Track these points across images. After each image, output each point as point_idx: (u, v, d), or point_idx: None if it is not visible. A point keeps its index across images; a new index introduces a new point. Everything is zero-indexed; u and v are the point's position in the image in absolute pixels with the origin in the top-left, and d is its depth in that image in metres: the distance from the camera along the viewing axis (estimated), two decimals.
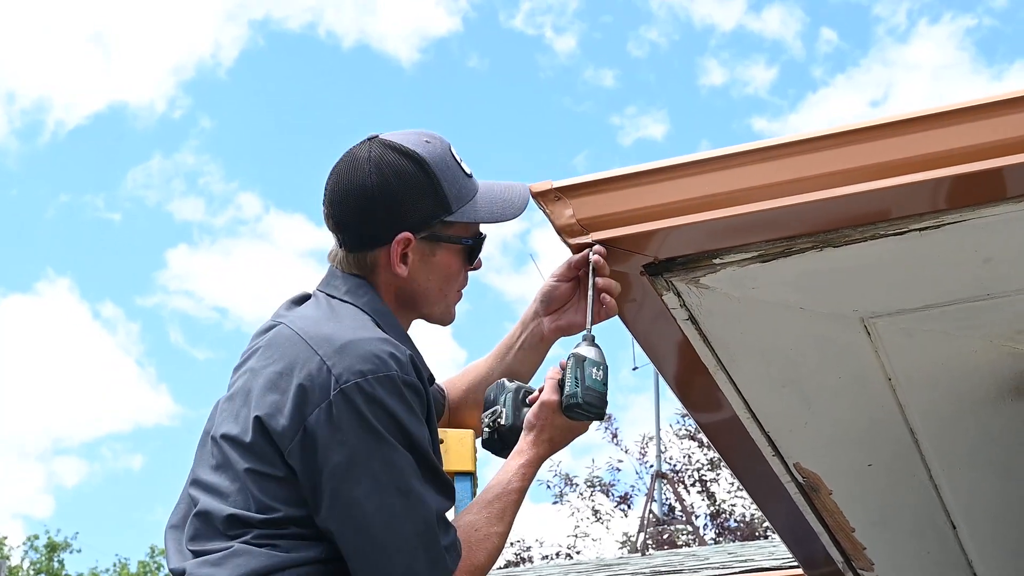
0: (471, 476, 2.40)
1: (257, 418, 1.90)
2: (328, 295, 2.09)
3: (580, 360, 1.94)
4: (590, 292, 2.02)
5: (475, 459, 2.41)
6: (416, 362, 1.97)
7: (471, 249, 2.13)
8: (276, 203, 31.57)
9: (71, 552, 25.47)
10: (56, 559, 25.48)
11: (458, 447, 2.43)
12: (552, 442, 2.02)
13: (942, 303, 2.06)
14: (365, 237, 2.10)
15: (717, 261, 1.90)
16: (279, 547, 1.86)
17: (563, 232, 1.95)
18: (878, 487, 2.65)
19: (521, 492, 2.00)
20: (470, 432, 2.43)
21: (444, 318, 2.18)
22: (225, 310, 32.28)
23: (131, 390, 32.45)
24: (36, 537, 25.69)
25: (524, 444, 2.02)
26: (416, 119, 28.56)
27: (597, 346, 1.98)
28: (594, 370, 1.95)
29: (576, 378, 1.94)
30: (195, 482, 1.97)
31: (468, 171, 2.15)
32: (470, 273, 2.18)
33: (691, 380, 2.27)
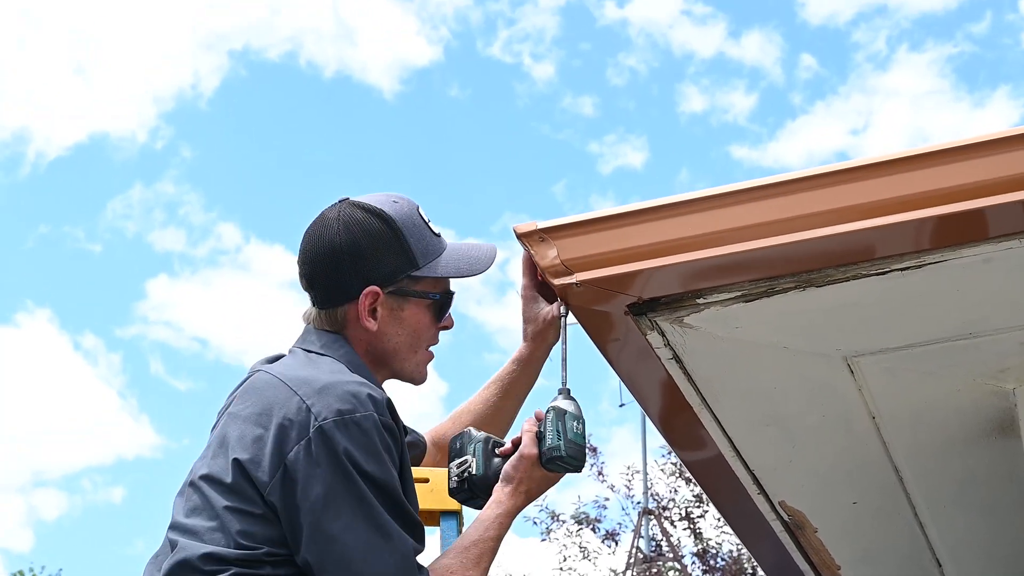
0: (457, 515, 2.38)
1: (236, 460, 1.92)
2: (305, 350, 2.12)
3: (560, 413, 1.97)
4: (564, 347, 2.03)
5: None
6: (392, 405, 2.00)
7: (439, 304, 2.17)
8: (256, 233, 31.49)
9: None
10: None
11: (443, 486, 2.41)
12: (529, 494, 2.04)
13: (925, 342, 2.05)
14: (334, 292, 2.13)
15: (701, 301, 1.90)
16: None
17: (548, 272, 1.94)
18: (863, 525, 2.65)
19: (498, 540, 2.01)
20: None
21: (415, 376, 2.20)
22: (205, 340, 32.11)
23: (112, 421, 32.22)
24: (21, 574, 25.50)
25: (502, 495, 2.03)
26: (398, 149, 28.57)
27: (573, 399, 2.02)
28: (575, 424, 1.98)
29: (557, 431, 1.96)
30: (172, 527, 1.98)
31: (436, 231, 2.21)
32: (442, 333, 2.20)
33: (676, 418, 2.26)
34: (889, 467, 2.39)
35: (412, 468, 2.47)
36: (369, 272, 2.11)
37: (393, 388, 2.39)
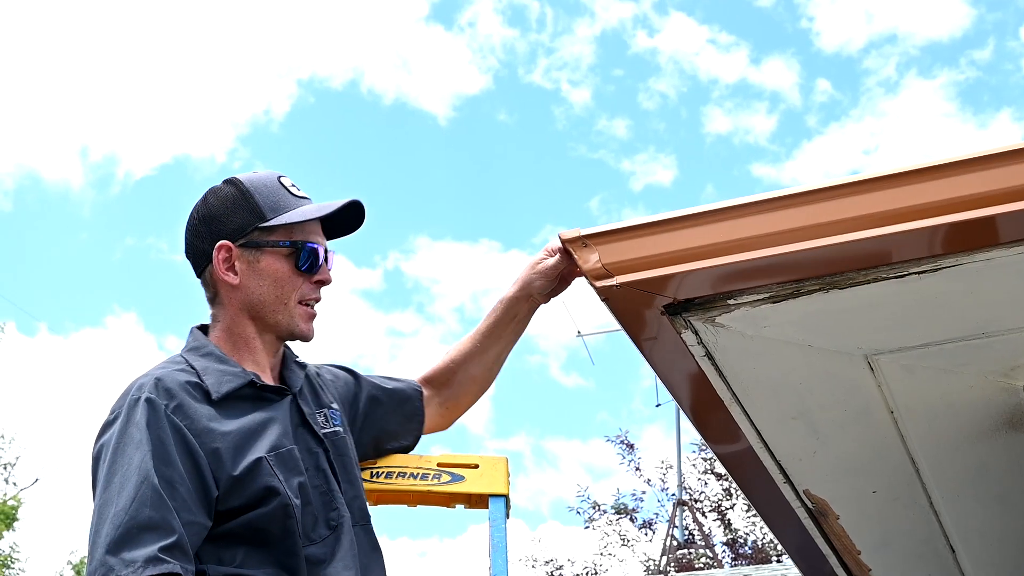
0: (504, 499, 2.37)
1: None
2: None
3: None
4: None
5: (508, 482, 2.39)
6: (169, 383, 2.03)
7: (295, 252, 2.14)
8: None
9: None
10: None
11: (492, 472, 2.41)
12: None
13: (940, 341, 2.02)
14: (199, 257, 2.18)
15: (731, 302, 1.88)
16: None
17: (589, 275, 1.93)
18: (882, 512, 2.61)
19: None
20: (504, 457, 2.41)
21: (293, 329, 2.18)
22: None
23: None
24: None
25: None
26: (450, 170, 28.74)
27: None
28: None
29: None
30: None
31: (299, 194, 2.19)
32: (323, 289, 2.21)
33: (708, 412, 2.23)
34: (906, 458, 2.35)
35: (460, 455, 2.47)
36: (220, 230, 2.14)
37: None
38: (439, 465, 2.40)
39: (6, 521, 20.98)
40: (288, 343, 2.27)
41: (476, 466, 2.40)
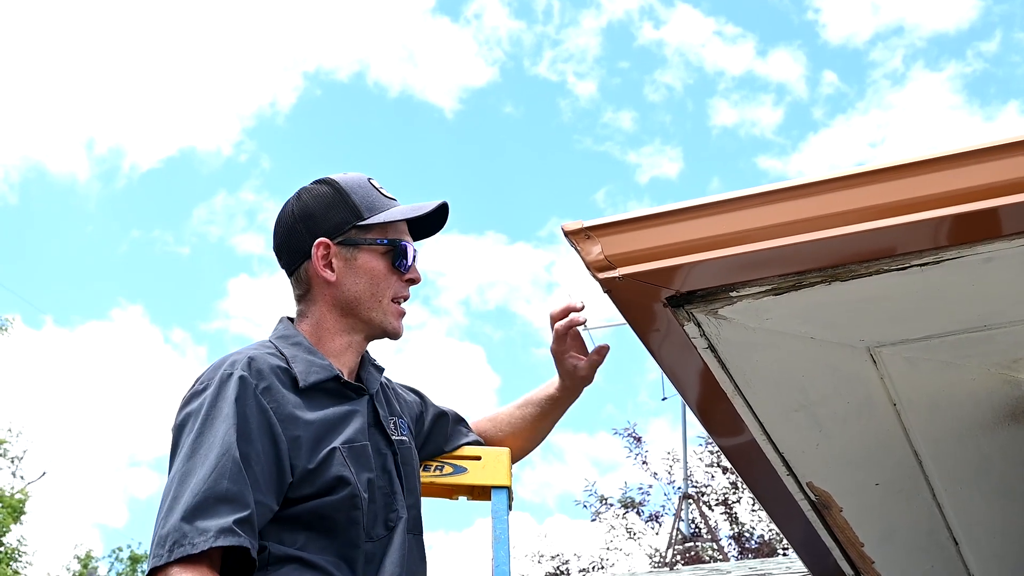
0: (507, 490, 2.38)
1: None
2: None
3: None
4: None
5: (510, 474, 2.40)
6: (261, 365, 2.05)
7: (391, 250, 2.18)
8: None
9: None
10: (139, 570, 25.52)
11: (495, 463, 2.42)
12: None
13: (942, 334, 2.02)
14: (294, 255, 2.20)
15: (734, 294, 1.88)
16: None
17: (592, 267, 1.93)
18: (885, 505, 2.61)
19: None
20: (506, 449, 2.42)
21: (386, 326, 2.22)
22: None
23: None
24: (120, 549, 25.76)
25: None
26: (456, 162, 28.76)
27: None
28: None
29: None
30: None
31: (388, 195, 2.24)
32: (412, 288, 2.24)
33: (711, 405, 2.24)
34: (909, 451, 2.36)
35: (468, 447, 2.49)
36: (317, 228, 2.17)
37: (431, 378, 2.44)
38: (442, 457, 2.42)
39: (13, 514, 21.05)
40: (370, 345, 2.31)
41: (478, 458, 2.41)
